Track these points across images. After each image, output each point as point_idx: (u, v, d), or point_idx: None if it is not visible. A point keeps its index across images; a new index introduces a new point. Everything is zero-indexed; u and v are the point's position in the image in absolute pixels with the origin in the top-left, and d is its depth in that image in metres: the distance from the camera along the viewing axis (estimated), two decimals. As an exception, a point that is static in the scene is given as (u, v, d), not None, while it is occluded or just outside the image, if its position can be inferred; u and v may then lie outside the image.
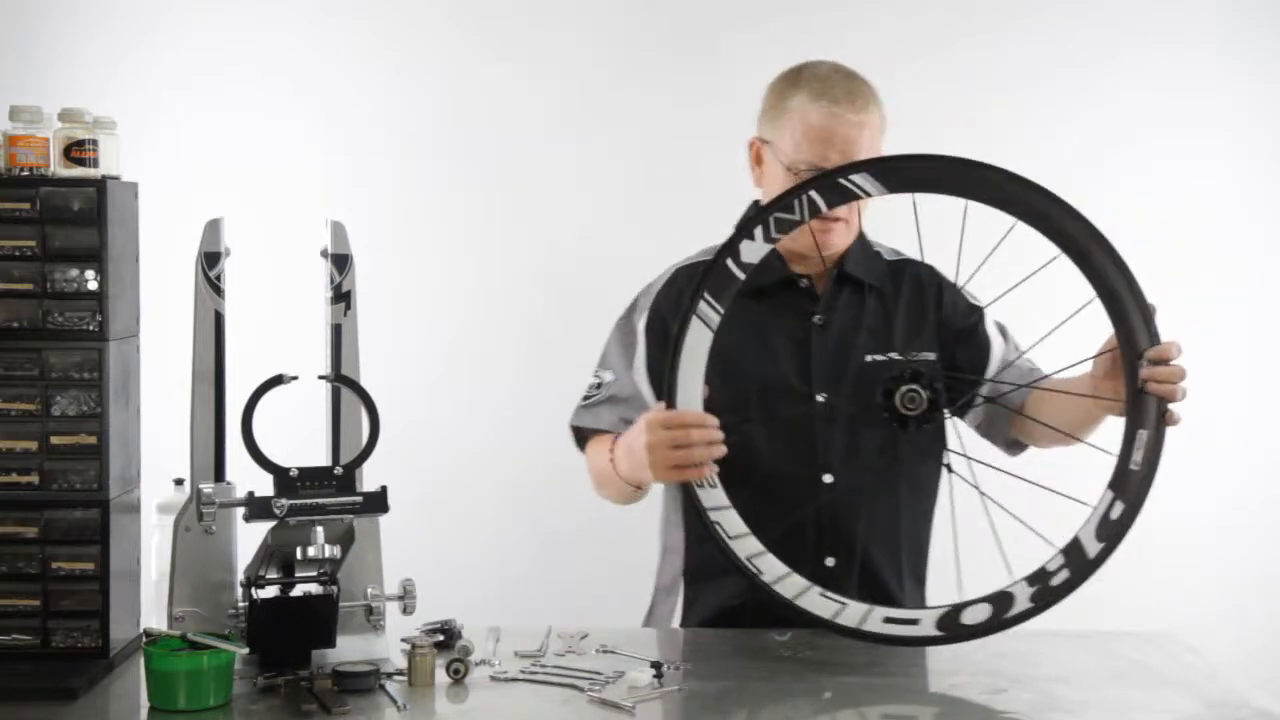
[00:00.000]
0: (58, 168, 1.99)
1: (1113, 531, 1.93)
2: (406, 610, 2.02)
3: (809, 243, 2.20)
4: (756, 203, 2.33)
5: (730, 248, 2.01)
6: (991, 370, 2.29)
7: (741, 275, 2.01)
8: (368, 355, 2.09)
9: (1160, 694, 1.88)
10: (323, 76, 3.20)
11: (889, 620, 1.97)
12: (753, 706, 1.86)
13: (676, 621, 2.28)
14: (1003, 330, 2.34)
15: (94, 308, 1.98)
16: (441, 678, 1.92)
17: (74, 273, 1.98)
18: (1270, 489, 3.19)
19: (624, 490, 2.18)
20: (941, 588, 2.09)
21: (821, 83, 2.21)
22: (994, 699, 1.85)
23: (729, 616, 2.20)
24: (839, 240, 2.25)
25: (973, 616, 1.95)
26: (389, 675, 1.92)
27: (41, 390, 1.98)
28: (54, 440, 1.98)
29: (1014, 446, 2.33)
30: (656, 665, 1.94)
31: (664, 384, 2.01)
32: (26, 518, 1.97)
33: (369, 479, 2.01)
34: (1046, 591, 1.94)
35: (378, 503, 1.97)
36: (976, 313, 2.32)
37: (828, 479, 2.19)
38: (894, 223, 2.15)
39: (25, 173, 1.98)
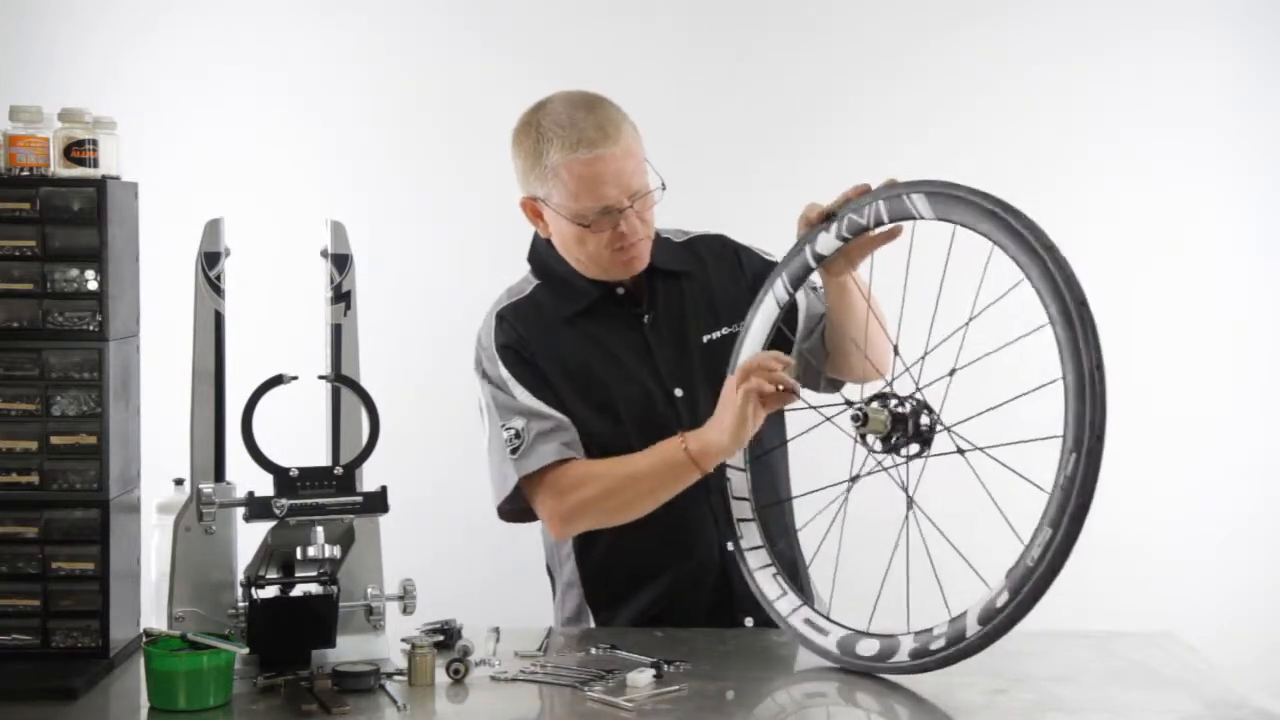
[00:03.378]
0: (58, 168, 1.99)
1: (995, 620, 1.84)
2: (406, 610, 2.02)
3: (604, 266, 2.24)
4: (547, 242, 2.31)
5: (809, 237, 2.11)
6: (802, 321, 2.32)
7: (814, 264, 2.13)
8: (368, 355, 2.09)
9: (1160, 694, 1.88)
10: (322, 76, 3.19)
11: (808, 622, 2.04)
12: (752, 706, 1.86)
13: None
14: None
15: (94, 308, 1.98)
16: (441, 678, 1.92)
17: (74, 273, 1.98)
18: (1272, 490, 3.19)
19: (678, 476, 2.13)
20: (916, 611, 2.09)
21: (569, 129, 2.16)
22: (994, 699, 1.85)
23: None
24: (643, 257, 2.26)
25: (865, 649, 1.95)
26: (389, 675, 1.92)
27: (41, 390, 1.98)
28: (54, 440, 1.98)
29: (831, 385, 2.36)
30: (656, 665, 1.94)
31: (734, 350, 2.20)
32: (26, 518, 1.98)
33: (369, 479, 2.01)
34: (925, 653, 1.90)
35: (378, 503, 1.97)
36: (770, 268, 2.33)
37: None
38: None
39: (25, 173, 1.98)
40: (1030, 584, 1.80)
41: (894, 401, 1.97)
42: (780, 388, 2.05)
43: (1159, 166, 3.19)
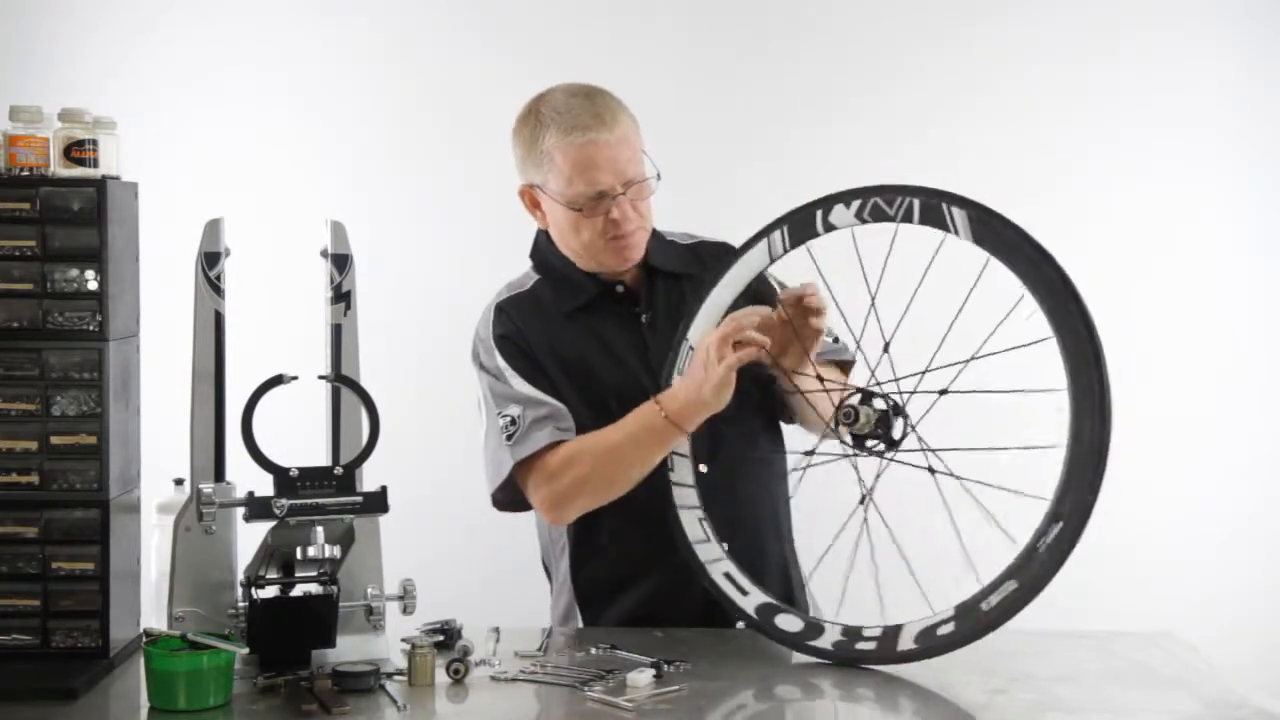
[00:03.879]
0: (58, 168, 1.99)
1: (931, 643, 1.94)
2: (406, 610, 2.02)
3: (598, 255, 2.25)
4: (548, 237, 2.34)
5: (826, 202, 2.05)
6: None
7: (821, 231, 2.06)
8: (368, 355, 2.09)
9: (1160, 694, 1.88)
10: (322, 76, 3.19)
11: (728, 576, 2.08)
12: (753, 706, 1.86)
13: None
14: None
15: (94, 308, 1.98)
16: (441, 678, 1.92)
17: (74, 273, 1.98)
18: (1272, 491, 3.19)
19: (661, 441, 2.13)
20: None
21: (565, 114, 2.20)
22: (994, 699, 1.85)
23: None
24: (638, 248, 2.27)
25: (786, 623, 2.04)
26: (389, 675, 1.92)
27: (41, 390, 1.98)
28: (54, 440, 1.98)
29: (788, 420, 2.38)
30: (656, 665, 1.94)
31: (703, 289, 2.16)
32: (26, 518, 1.98)
33: (369, 479, 2.01)
34: (848, 649, 1.99)
35: (378, 503, 1.97)
36: (774, 294, 2.33)
37: (703, 469, 2.22)
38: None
39: (25, 173, 1.98)
40: (979, 626, 1.91)
41: (878, 400, 2.00)
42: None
43: (1159, 166, 3.19)
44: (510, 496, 2.26)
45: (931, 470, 1.98)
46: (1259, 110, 3.19)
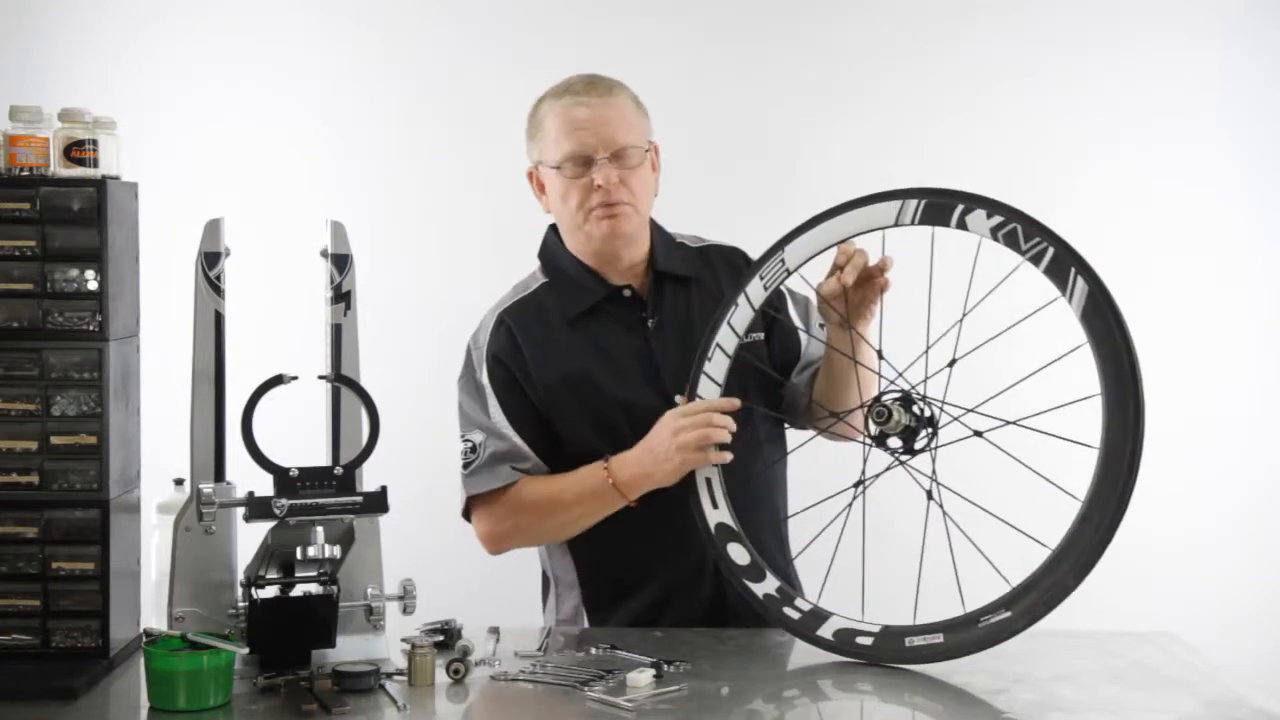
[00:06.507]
0: (58, 168, 1.99)
1: (846, 645, 2.00)
2: (406, 610, 2.02)
3: (586, 228, 2.25)
4: (552, 228, 2.37)
5: (971, 201, 1.97)
6: (802, 358, 2.35)
7: (951, 225, 1.97)
8: (368, 355, 2.09)
9: (1160, 694, 1.88)
10: (323, 76, 3.19)
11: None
12: (753, 706, 1.86)
13: None
14: (805, 316, 2.37)
15: (94, 308, 1.98)
16: (441, 678, 1.92)
17: (74, 273, 1.98)
18: (1272, 490, 3.19)
19: (606, 505, 2.18)
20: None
21: (563, 85, 2.29)
22: (994, 699, 1.86)
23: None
24: (625, 221, 2.25)
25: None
26: (389, 675, 1.92)
27: (41, 390, 1.98)
28: (54, 440, 1.98)
29: (800, 421, 2.38)
30: (656, 665, 1.94)
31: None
32: (26, 518, 1.98)
33: (369, 479, 2.01)
34: (777, 608, 2.06)
35: (378, 503, 1.97)
36: (780, 298, 2.35)
37: None
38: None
39: (25, 173, 1.98)
40: (895, 656, 1.96)
41: (916, 408, 2.00)
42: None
43: (1160, 165, 3.19)
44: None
45: (929, 495, 2.00)
46: (1260, 109, 3.18)
